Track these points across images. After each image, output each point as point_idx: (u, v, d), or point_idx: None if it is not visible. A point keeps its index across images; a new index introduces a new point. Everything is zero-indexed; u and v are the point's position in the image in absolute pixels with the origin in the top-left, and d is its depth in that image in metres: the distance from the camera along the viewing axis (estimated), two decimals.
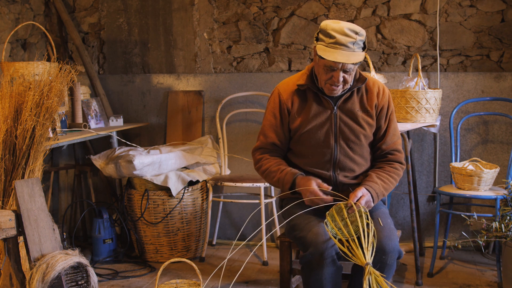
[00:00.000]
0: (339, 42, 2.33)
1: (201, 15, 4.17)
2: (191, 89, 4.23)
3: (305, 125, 2.52)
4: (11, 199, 2.86)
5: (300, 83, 2.54)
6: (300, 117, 2.53)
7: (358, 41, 2.35)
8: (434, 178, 3.93)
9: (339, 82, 2.41)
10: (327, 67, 2.39)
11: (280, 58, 4.08)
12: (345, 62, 2.34)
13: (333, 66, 2.37)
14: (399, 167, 2.57)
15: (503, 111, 3.77)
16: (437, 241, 3.50)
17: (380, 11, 3.90)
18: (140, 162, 3.60)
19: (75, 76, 3.38)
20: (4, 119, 2.85)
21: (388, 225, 2.40)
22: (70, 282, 2.36)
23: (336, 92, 2.47)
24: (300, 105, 2.54)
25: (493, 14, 3.75)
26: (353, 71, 2.42)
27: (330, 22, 2.38)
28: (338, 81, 2.40)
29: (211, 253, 3.97)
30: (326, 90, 2.47)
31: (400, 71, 3.91)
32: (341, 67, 2.37)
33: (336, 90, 2.46)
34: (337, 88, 2.45)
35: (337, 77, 2.39)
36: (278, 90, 2.60)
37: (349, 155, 2.53)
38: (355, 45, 2.35)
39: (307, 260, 2.32)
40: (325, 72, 2.41)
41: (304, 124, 2.52)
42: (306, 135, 2.52)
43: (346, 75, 2.41)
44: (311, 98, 2.53)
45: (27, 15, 4.11)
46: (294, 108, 2.54)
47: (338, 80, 2.40)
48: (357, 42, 2.35)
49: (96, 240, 3.82)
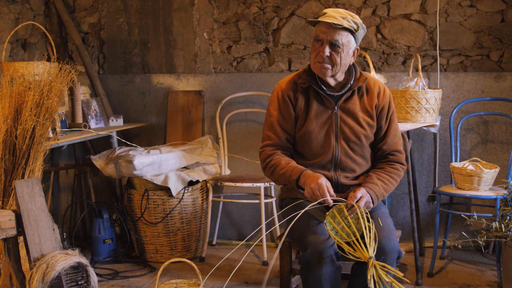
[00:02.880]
0: (329, 14, 2.42)
1: (201, 15, 4.17)
2: (191, 89, 4.23)
3: (307, 124, 2.52)
4: (11, 199, 2.86)
5: (301, 81, 2.54)
6: (303, 116, 2.53)
7: (348, 19, 2.40)
8: (434, 178, 3.93)
9: (325, 54, 2.41)
10: (315, 42, 2.44)
11: (280, 58, 4.08)
12: (330, 22, 2.37)
13: (319, 36, 2.41)
14: (399, 167, 2.57)
15: (503, 111, 3.77)
16: (437, 241, 3.50)
17: (380, 11, 3.90)
18: (140, 162, 3.60)
19: (75, 76, 3.38)
20: (4, 119, 2.85)
21: (387, 225, 2.40)
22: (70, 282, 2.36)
23: (325, 71, 2.45)
24: (303, 103, 2.54)
25: (493, 14, 3.75)
26: (342, 50, 2.42)
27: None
28: (324, 53, 2.41)
29: (211, 253, 3.97)
30: (316, 69, 2.47)
31: (400, 71, 3.91)
32: (327, 38, 2.40)
33: (324, 68, 2.45)
34: (326, 66, 2.44)
35: (323, 50, 2.41)
36: (281, 86, 2.59)
37: (350, 155, 2.53)
38: (344, 20, 2.39)
39: (306, 260, 2.32)
40: (315, 50, 2.45)
41: (306, 123, 2.52)
42: (308, 135, 2.52)
43: (333, 51, 2.42)
44: (312, 97, 2.53)
45: (27, 15, 4.11)
46: (298, 104, 2.54)
47: (324, 53, 2.41)
48: (347, 19, 2.40)
49: (96, 240, 3.82)
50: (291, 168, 2.45)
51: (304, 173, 2.41)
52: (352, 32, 2.42)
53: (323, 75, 2.47)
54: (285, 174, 2.45)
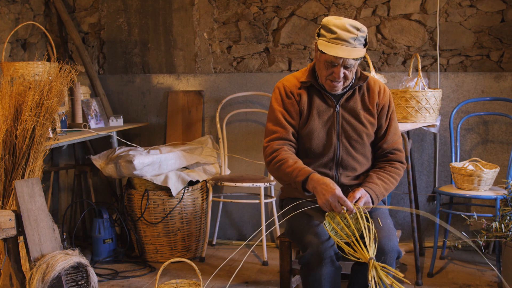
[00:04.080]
0: (340, 37, 2.34)
1: (201, 15, 4.17)
2: (191, 89, 4.23)
3: (309, 122, 2.52)
4: (11, 199, 2.86)
5: (303, 80, 2.54)
6: (305, 113, 2.53)
7: (360, 37, 2.36)
8: (434, 178, 3.93)
9: (340, 78, 2.41)
10: (328, 63, 2.39)
11: (280, 58, 4.08)
12: (346, 57, 2.34)
13: (334, 61, 2.37)
14: (399, 166, 2.57)
15: (503, 111, 3.77)
16: (437, 241, 3.50)
17: (380, 11, 3.90)
18: (140, 162, 3.60)
19: (75, 76, 3.38)
20: (4, 119, 2.85)
21: (387, 225, 2.40)
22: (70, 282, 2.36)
23: (337, 88, 2.46)
24: (306, 101, 2.54)
25: (493, 14, 3.75)
26: (354, 68, 2.42)
27: (332, 18, 2.39)
28: (339, 77, 2.40)
29: (211, 253, 3.97)
30: (327, 86, 2.47)
31: (400, 71, 3.91)
32: (342, 63, 2.37)
33: (337, 87, 2.46)
34: (338, 85, 2.45)
35: (338, 73, 2.39)
36: (283, 84, 2.57)
37: (352, 154, 2.53)
38: (356, 41, 2.35)
39: (306, 260, 2.31)
40: (326, 68, 2.41)
41: (309, 121, 2.52)
42: (310, 133, 2.52)
43: (346, 71, 2.41)
44: (314, 95, 2.54)
45: (27, 15, 4.11)
46: (302, 102, 2.54)
47: (339, 76, 2.40)
48: (358, 38, 2.35)
49: (96, 240, 3.82)
50: (298, 168, 2.39)
51: (312, 176, 2.35)
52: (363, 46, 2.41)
53: (334, 91, 2.49)
54: (291, 173, 2.39)
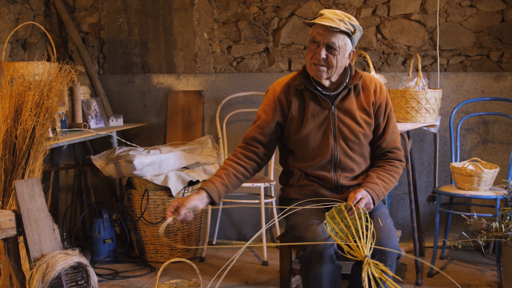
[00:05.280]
0: (326, 16, 2.40)
1: (201, 15, 4.17)
2: (191, 89, 4.23)
3: (304, 125, 2.51)
4: (11, 199, 2.86)
5: (296, 83, 2.53)
6: (298, 118, 2.53)
7: (345, 21, 2.38)
8: (434, 178, 3.93)
9: (321, 58, 2.40)
10: (311, 43, 2.42)
11: (280, 58, 4.08)
12: (327, 24, 2.35)
13: (316, 37, 2.39)
14: (399, 165, 2.56)
15: (503, 111, 3.77)
16: (437, 241, 3.50)
17: (380, 11, 3.90)
18: (140, 162, 3.60)
19: (75, 76, 3.38)
20: (4, 119, 2.85)
21: (387, 225, 2.40)
22: (70, 282, 2.36)
23: (321, 74, 2.44)
24: (298, 105, 2.53)
25: (493, 14, 3.75)
26: (338, 53, 2.41)
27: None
28: (320, 56, 2.39)
29: (211, 253, 3.97)
30: (311, 72, 2.46)
31: (400, 71, 3.91)
32: (323, 41, 2.38)
33: (320, 71, 2.43)
34: (321, 69, 2.42)
35: (319, 52, 2.39)
36: (274, 88, 2.59)
37: (349, 154, 2.52)
38: (341, 22, 2.38)
39: (306, 259, 2.32)
40: (311, 51, 2.43)
41: (304, 124, 2.51)
42: (306, 136, 2.51)
43: (329, 54, 2.40)
44: (308, 98, 2.52)
45: (27, 15, 4.11)
46: (292, 108, 2.53)
47: (320, 55, 2.39)
48: (344, 21, 2.38)
49: (96, 240, 3.82)
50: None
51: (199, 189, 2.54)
52: (349, 35, 2.41)
53: (319, 77, 2.46)
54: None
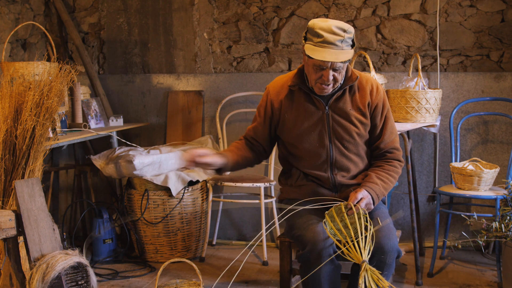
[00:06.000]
0: (327, 40, 2.33)
1: (201, 15, 4.17)
2: (191, 89, 4.23)
3: (298, 126, 2.52)
4: (11, 199, 2.86)
5: (290, 84, 2.53)
6: (292, 118, 2.53)
7: (347, 39, 2.35)
8: (434, 178, 3.93)
9: (329, 81, 2.40)
10: (316, 67, 2.39)
11: (280, 58, 4.08)
12: (334, 61, 2.33)
13: (322, 65, 2.36)
14: (398, 165, 2.56)
15: (503, 111, 3.77)
16: (437, 241, 3.50)
17: (380, 11, 3.90)
18: (140, 162, 3.60)
19: (75, 76, 3.38)
20: (4, 119, 2.85)
21: (387, 225, 2.40)
22: (70, 282, 2.36)
23: (327, 91, 2.45)
24: (291, 106, 2.54)
25: (493, 14, 3.75)
26: (343, 69, 2.41)
27: (318, 20, 2.38)
28: (328, 80, 2.39)
29: (211, 253, 3.97)
30: (317, 89, 2.46)
31: (400, 71, 3.91)
32: (330, 66, 2.36)
33: (326, 89, 2.44)
34: (328, 87, 2.44)
35: (326, 76, 2.39)
36: (268, 90, 2.62)
37: (345, 154, 2.52)
38: (343, 43, 2.34)
39: (305, 258, 2.32)
40: (315, 72, 2.41)
41: (297, 125, 2.52)
42: (300, 137, 2.52)
43: (336, 73, 2.40)
44: (302, 99, 2.53)
45: (27, 15, 4.11)
46: (284, 108, 2.54)
47: (328, 79, 2.39)
48: (345, 40, 2.35)
49: (96, 240, 3.82)
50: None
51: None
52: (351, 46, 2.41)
53: (324, 93, 2.48)
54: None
